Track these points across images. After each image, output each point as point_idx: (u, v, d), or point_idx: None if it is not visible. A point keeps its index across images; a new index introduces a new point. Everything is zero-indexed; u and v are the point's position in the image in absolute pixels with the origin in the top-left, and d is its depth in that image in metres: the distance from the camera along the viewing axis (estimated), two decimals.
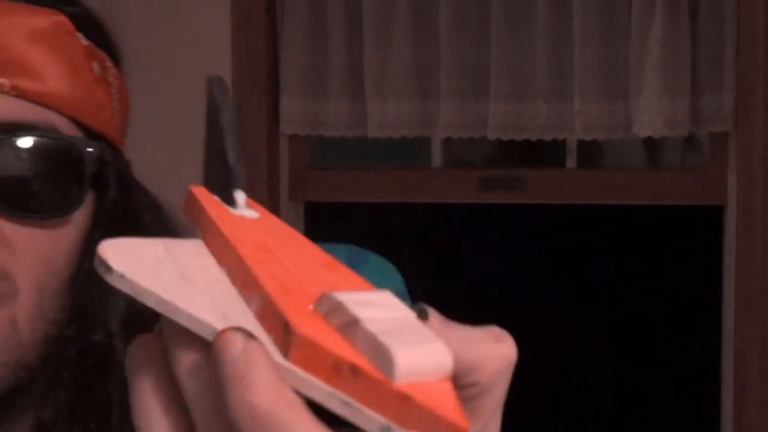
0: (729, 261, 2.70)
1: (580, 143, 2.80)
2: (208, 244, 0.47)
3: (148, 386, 0.43)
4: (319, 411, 0.39)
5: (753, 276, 2.62)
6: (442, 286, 4.17)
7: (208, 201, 0.51)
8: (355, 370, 0.39)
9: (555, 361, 4.08)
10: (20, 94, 0.80)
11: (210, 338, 0.40)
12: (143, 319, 0.76)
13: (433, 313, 0.46)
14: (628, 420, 4.00)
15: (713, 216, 2.76)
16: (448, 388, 0.40)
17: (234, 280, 0.44)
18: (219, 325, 0.41)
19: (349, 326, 0.40)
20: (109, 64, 0.91)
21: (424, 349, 0.40)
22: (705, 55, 2.63)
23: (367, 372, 0.39)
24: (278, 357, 0.40)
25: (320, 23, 2.77)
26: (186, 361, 0.42)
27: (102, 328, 0.85)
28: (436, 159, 2.87)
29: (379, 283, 0.44)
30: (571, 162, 2.81)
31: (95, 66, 0.87)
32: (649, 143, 3.51)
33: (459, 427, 0.38)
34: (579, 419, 3.98)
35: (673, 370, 4.02)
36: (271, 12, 2.80)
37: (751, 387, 2.63)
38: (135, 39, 3.17)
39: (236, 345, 0.39)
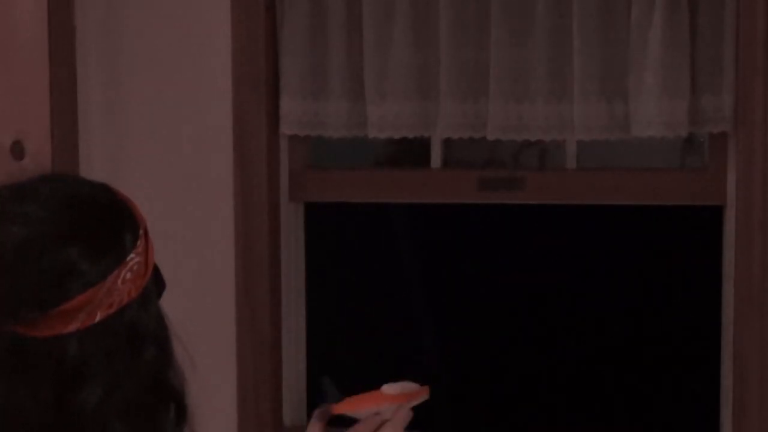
0: (729, 261, 2.70)
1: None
2: None
3: None
4: None
5: (753, 276, 2.62)
6: (441, 287, 4.16)
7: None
8: None
9: (554, 361, 4.07)
10: None
11: None
12: None
13: None
14: (627, 420, 3.99)
15: (713, 216, 2.75)
16: None
17: None
18: None
19: None
20: None
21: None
22: (704, 56, 2.63)
23: None
24: None
25: (320, 23, 2.77)
26: None
27: None
28: (436, 159, 2.87)
29: None
30: (570, 162, 2.81)
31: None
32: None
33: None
34: (577, 419, 3.98)
35: (673, 370, 4.02)
36: (271, 12, 2.80)
37: (751, 388, 2.63)
38: (135, 39, 3.18)
39: None
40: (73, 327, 1.18)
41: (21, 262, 1.18)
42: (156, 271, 1.27)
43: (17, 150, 2.73)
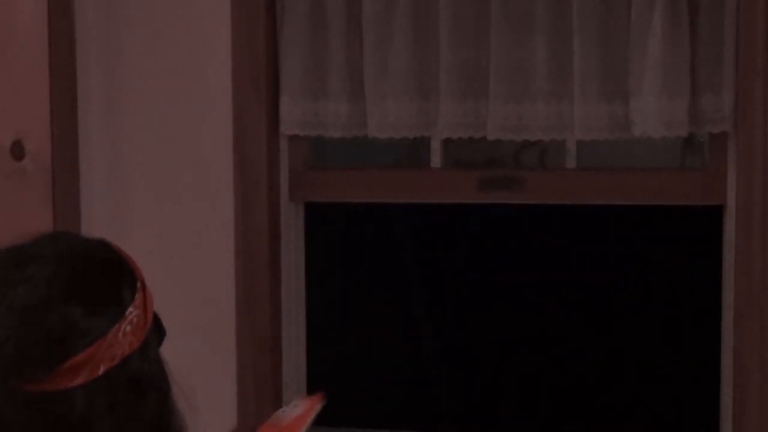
0: (729, 261, 2.70)
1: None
2: None
3: None
4: None
5: (753, 276, 2.62)
6: (441, 287, 4.17)
7: None
8: None
9: (554, 361, 4.08)
10: None
11: None
12: None
13: None
14: (628, 420, 4.00)
15: (713, 216, 2.75)
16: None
17: None
18: None
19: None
20: None
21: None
22: (704, 55, 2.63)
23: None
24: None
25: (320, 23, 2.77)
26: None
27: None
28: (436, 159, 2.87)
29: None
30: (570, 162, 2.81)
31: None
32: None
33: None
34: (577, 419, 3.98)
35: (673, 370, 4.02)
36: (271, 12, 2.80)
37: (751, 387, 2.63)
38: (135, 39, 3.18)
39: None
40: (78, 381, 1.22)
41: (26, 323, 1.23)
42: (156, 320, 1.32)
43: (17, 150, 2.73)
